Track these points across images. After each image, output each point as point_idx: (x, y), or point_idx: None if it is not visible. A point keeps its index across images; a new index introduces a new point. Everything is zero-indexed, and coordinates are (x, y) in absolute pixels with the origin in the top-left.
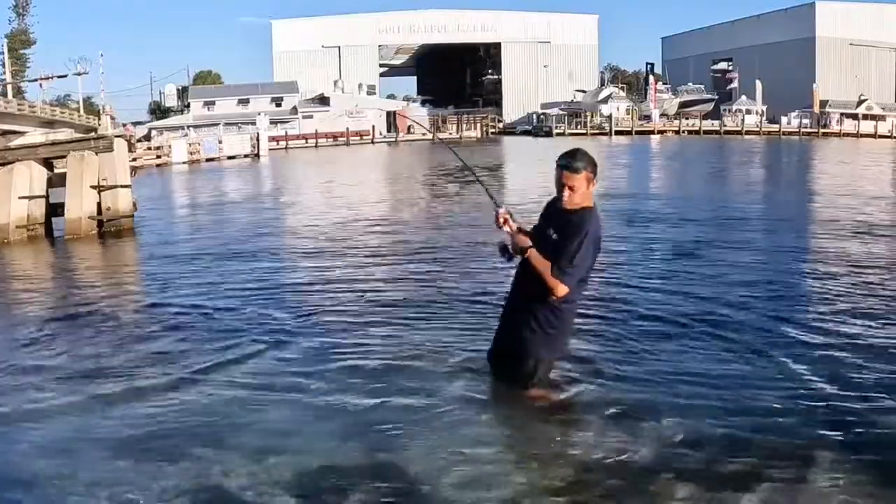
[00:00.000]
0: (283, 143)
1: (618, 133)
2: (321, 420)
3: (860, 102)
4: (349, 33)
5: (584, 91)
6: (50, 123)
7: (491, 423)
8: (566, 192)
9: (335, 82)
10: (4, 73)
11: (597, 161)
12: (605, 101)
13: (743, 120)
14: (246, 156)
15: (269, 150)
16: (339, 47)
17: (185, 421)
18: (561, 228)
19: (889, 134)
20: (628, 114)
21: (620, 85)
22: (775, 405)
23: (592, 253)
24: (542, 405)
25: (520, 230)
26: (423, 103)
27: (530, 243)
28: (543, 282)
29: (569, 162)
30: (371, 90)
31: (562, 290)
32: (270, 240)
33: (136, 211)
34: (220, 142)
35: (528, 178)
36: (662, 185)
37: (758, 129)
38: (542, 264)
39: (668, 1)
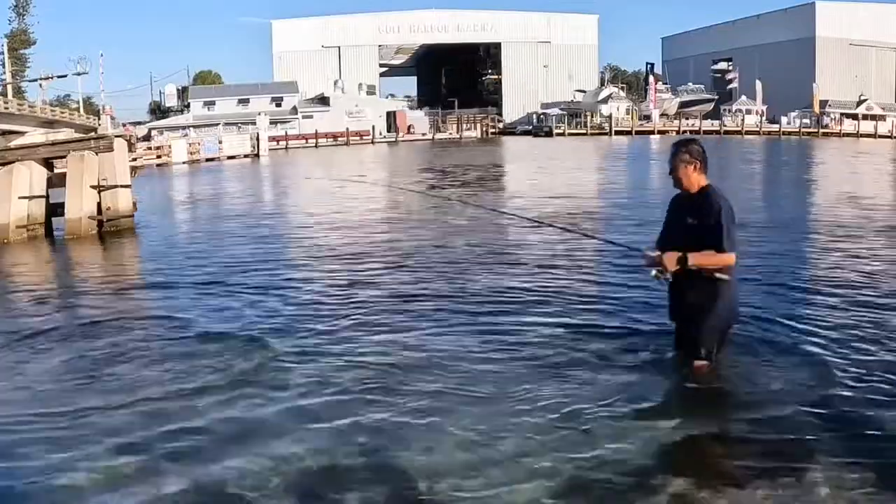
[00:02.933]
0: (283, 143)
1: (618, 133)
2: (322, 419)
3: (860, 102)
4: (349, 33)
5: (584, 91)
6: (50, 123)
7: (488, 422)
8: (675, 179)
9: (335, 82)
10: (4, 73)
11: (700, 149)
12: (605, 101)
13: (743, 120)
14: (246, 156)
15: (269, 150)
16: (339, 47)
17: (187, 420)
18: (697, 212)
19: (889, 134)
20: (628, 114)
21: (620, 85)
22: (775, 404)
23: (734, 222)
24: (703, 377)
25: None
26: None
27: (679, 254)
28: (714, 265)
29: (670, 152)
30: (371, 90)
31: (732, 258)
32: (270, 238)
33: (135, 211)
34: (220, 142)
35: (531, 177)
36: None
37: (758, 129)
38: (705, 257)
39: (668, 1)
